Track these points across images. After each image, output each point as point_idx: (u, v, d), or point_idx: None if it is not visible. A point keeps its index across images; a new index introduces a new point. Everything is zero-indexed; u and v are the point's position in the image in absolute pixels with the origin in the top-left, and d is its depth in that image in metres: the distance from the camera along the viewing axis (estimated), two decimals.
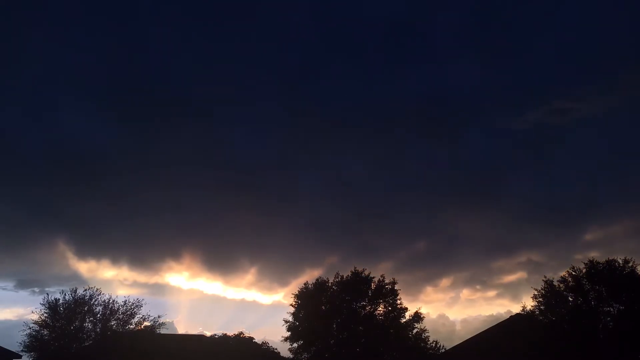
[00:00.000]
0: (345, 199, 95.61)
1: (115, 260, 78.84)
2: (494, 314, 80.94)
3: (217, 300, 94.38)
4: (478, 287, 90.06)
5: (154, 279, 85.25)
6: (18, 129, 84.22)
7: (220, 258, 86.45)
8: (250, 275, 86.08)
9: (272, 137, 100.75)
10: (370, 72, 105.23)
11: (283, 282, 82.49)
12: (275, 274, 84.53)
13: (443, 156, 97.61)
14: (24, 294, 79.66)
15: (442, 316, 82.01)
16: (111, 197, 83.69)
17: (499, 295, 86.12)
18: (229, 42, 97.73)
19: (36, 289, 72.42)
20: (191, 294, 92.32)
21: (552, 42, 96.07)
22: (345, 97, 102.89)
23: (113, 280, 76.20)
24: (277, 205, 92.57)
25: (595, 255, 38.79)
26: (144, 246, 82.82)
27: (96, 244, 79.09)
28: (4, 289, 76.89)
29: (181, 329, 58.52)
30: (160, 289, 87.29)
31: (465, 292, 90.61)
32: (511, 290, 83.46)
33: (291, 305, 43.09)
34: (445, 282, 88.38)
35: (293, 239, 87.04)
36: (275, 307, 79.73)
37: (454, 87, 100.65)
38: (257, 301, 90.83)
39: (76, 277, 72.00)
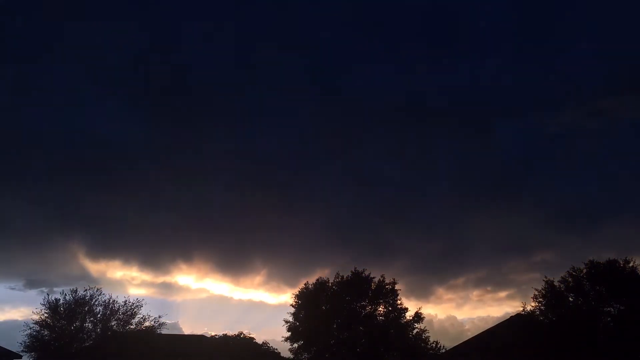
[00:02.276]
0: (363, 197, 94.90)
1: (127, 261, 79.53)
2: (503, 315, 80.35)
3: (224, 301, 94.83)
4: (489, 288, 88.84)
5: (164, 279, 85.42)
6: (41, 126, 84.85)
7: (232, 258, 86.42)
8: (261, 276, 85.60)
9: (292, 135, 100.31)
10: (402, 67, 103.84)
11: (292, 283, 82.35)
12: (285, 275, 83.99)
13: (471, 154, 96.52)
14: (32, 293, 79.58)
15: (451, 317, 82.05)
16: (128, 197, 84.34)
17: (510, 297, 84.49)
18: (255, 39, 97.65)
19: (45, 289, 72.35)
20: (200, 294, 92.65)
21: (590, 43, 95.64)
22: (372, 93, 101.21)
23: (122, 280, 76.60)
24: (293, 205, 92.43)
25: (610, 255, 37.78)
26: (157, 247, 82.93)
27: (108, 245, 79.56)
28: (12, 288, 77.04)
29: (187, 329, 58.64)
30: (169, 289, 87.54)
31: (476, 293, 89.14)
32: (524, 291, 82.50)
33: (291, 305, 43.17)
34: (457, 282, 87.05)
35: (306, 239, 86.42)
36: (282, 307, 79.54)
37: (489, 83, 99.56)
38: (264, 302, 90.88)
39: (85, 277, 71.94)
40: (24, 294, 76.84)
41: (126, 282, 77.23)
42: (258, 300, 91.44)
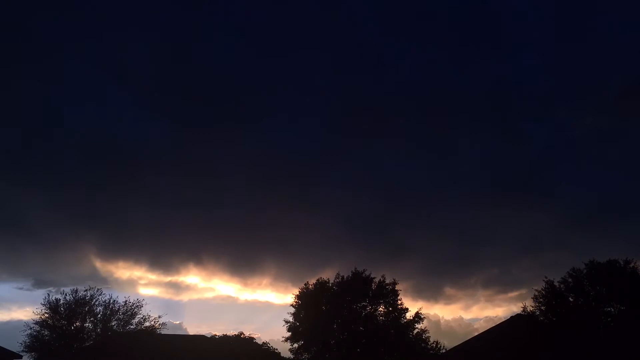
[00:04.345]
0: (374, 198, 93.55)
1: (137, 261, 79.13)
2: (510, 315, 79.30)
3: (231, 301, 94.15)
4: (499, 288, 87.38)
5: (171, 279, 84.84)
6: (52, 127, 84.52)
7: (241, 259, 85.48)
8: (269, 276, 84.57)
9: (305, 136, 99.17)
10: (423, 64, 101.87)
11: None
12: (294, 276, 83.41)
13: (487, 154, 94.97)
14: (40, 293, 78.73)
15: (459, 318, 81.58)
16: (139, 198, 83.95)
17: (521, 297, 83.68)
18: (273, 37, 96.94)
19: (53, 289, 71.45)
20: (206, 294, 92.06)
21: (619, 45, 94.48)
22: (392, 91, 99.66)
23: (130, 279, 76.47)
24: (304, 205, 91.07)
25: (621, 256, 37.60)
26: (167, 248, 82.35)
27: (119, 246, 79.47)
28: (20, 288, 76.46)
29: (192, 330, 58.58)
30: (177, 290, 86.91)
31: (487, 293, 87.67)
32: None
33: (292, 305, 43.17)
34: (467, 282, 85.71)
35: (316, 240, 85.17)
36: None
37: (517, 82, 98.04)
38: (270, 302, 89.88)
39: (94, 277, 71.45)
40: (31, 294, 76.01)
41: (134, 281, 77.14)
42: (265, 301, 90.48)
